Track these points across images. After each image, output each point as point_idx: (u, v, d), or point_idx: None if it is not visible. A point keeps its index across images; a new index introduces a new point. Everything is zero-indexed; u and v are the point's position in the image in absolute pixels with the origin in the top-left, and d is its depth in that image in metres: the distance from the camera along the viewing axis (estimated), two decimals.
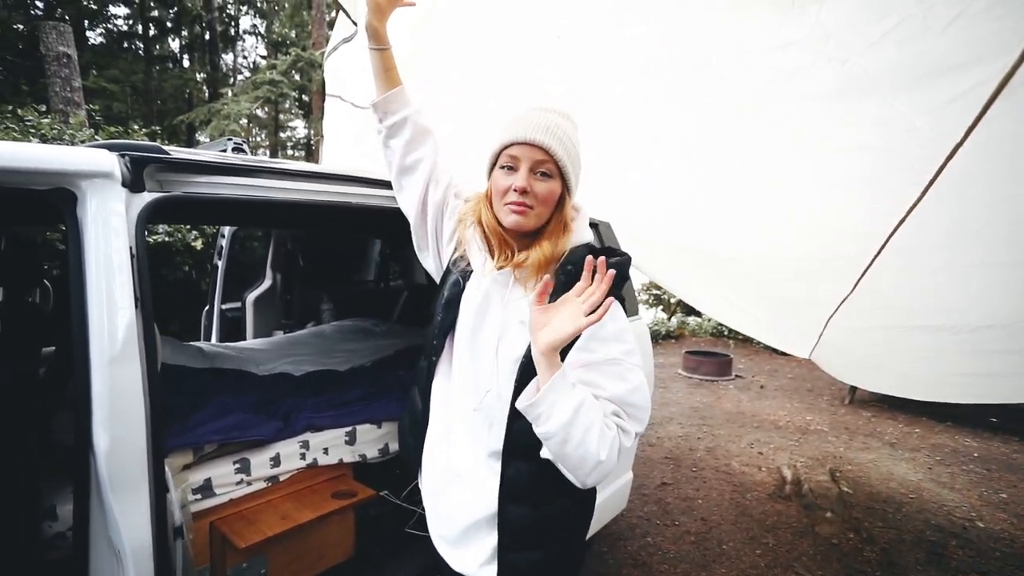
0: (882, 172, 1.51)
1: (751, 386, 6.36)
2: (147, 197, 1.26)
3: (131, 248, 1.19)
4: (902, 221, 1.54)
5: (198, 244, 4.42)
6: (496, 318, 1.04)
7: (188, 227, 4.44)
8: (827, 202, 1.76)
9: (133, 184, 1.24)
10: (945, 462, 4.08)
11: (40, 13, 13.23)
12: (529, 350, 0.94)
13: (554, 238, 1.01)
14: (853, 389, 5.61)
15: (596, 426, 0.87)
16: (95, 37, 15.37)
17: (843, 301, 2.16)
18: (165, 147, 1.35)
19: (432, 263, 1.26)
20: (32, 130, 4.41)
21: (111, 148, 1.24)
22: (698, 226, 2.26)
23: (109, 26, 15.66)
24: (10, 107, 4.84)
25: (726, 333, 8.83)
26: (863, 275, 1.86)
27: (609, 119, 1.99)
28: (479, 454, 1.05)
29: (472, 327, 1.06)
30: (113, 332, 1.12)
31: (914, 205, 1.48)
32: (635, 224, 2.39)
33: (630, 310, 2.34)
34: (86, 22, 14.49)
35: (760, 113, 1.62)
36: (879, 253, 1.72)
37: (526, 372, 0.95)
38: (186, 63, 17.58)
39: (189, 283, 4.56)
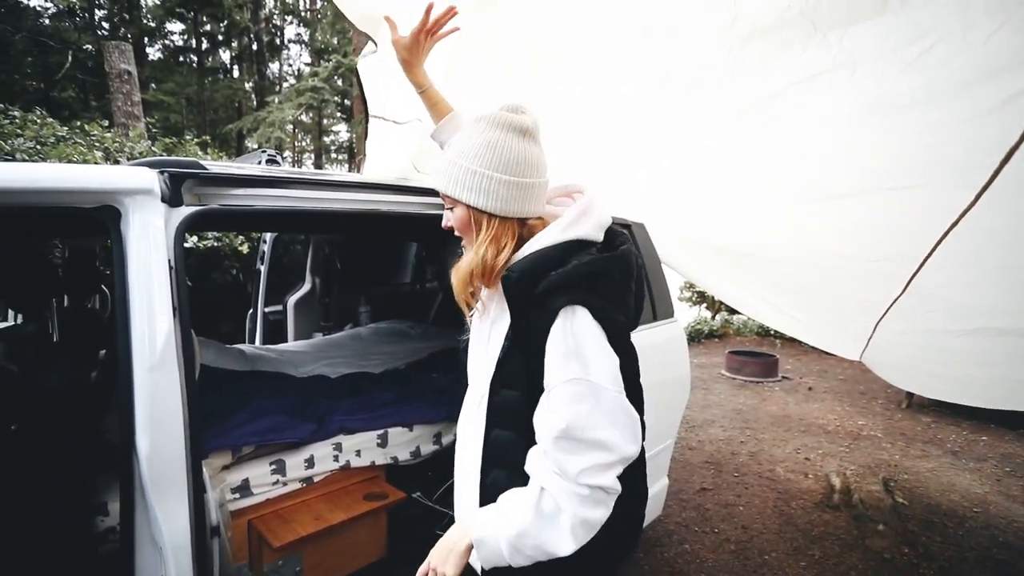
0: (934, 174, 1.41)
1: (798, 388, 6.10)
2: (185, 211, 1.32)
3: (169, 260, 1.25)
4: (955, 223, 1.44)
5: (244, 249, 4.61)
6: (488, 335, 1.08)
7: (235, 233, 4.64)
8: (872, 203, 1.66)
9: (172, 199, 1.30)
10: (1016, 473, 3.78)
11: (106, 33, 14.16)
12: (504, 347, 0.99)
13: (475, 248, 1.00)
14: (910, 393, 5.28)
15: (542, 532, 0.89)
16: (154, 53, 16.31)
17: (893, 303, 2.04)
18: (202, 162, 1.42)
19: None
20: (96, 144, 4.70)
21: (151, 165, 1.31)
22: (733, 225, 2.18)
23: (166, 42, 16.59)
24: (79, 123, 5.18)
25: (772, 332, 8.49)
26: (914, 276, 1.75)
27: (646, 116, 1.95)
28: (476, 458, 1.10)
29: (474, 348, 1.14)
30: (153, 340, 1.18)
31: (970, 206, 1.38)
32: (667, 223, 2.33)
33: (662, 312, 2.29)
34: (146, 39, 15.38)
35: (798, 115, 1.55)
36: (931, 254, 1.61)
37: (500, 367, 1.00)
38: (235, 73, 18.40)
39: (237, 287, 4.76)
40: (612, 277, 0.97)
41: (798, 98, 1.45)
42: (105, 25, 14.54)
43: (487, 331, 1.08)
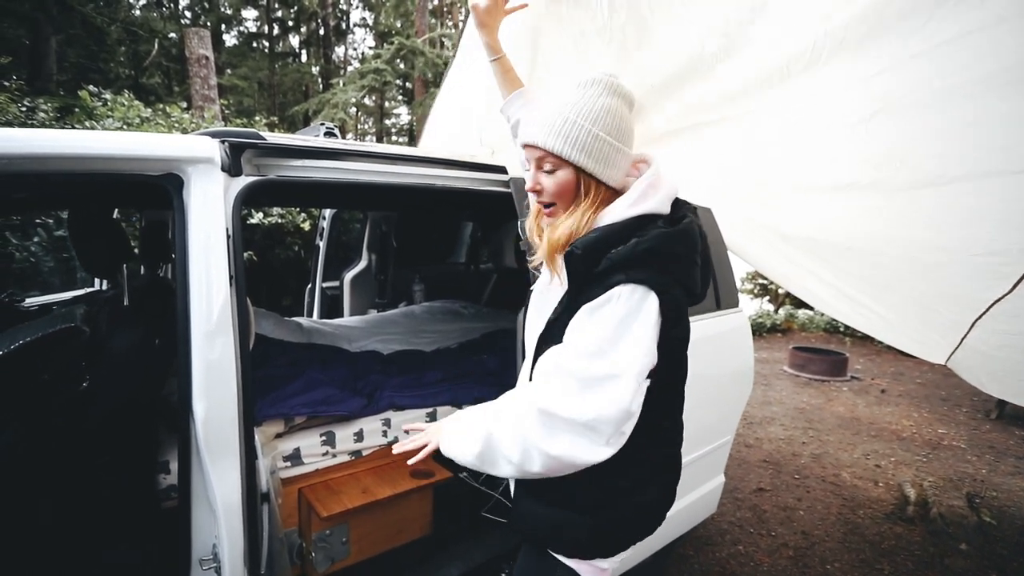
0: None
1: (869, 389, 5.68)
2: (244, 180, 1.33)
3: (227, 229, 1.26)
4: None
5: (306, 226, 4.77)
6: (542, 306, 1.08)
7: (298, 210, 4.80)
8: (989, 189, 1.45)
9: (232, 168, 1.31)
10: None
11: (188, 21, 14.97)
12: (557, 310, 0.99)
13: (580, 212, 0.97)
14: (1002, 402, 4.78)
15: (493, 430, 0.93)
16: (229, 39, 17.11)
17: (997, 301, 1.81)
18: (262, 133, 1.43)
19: None
20: (176, 124, 4.98)
21: (213, 135, 1.32)
22: (814, 211, 2.00)
23: (241, 28, 17.35)
24: (161, 106, 5.52)
25: (841, 329, 7.96)
26: None
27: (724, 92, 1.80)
28: None
29: (533, 314, 1.12)
30: (210, 307, 1.20)
31: None
32: (734, 205, 2.16)
33: (726, 301, 2.14)
34: (223, 26, 16.14)
35: (907, 87, 1.36)
36: None
37: (549, 327, 1.00)
38: (303, 58, 19.03)
39: (299, 262, 4.94)
40: (675, 252, 0.93)
41: (911, 69, 1.26)
42: (187, 14, 15.36)
43: (547, 296, 1.07)
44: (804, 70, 1.41)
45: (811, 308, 8.76)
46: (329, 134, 1.78)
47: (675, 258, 0.92)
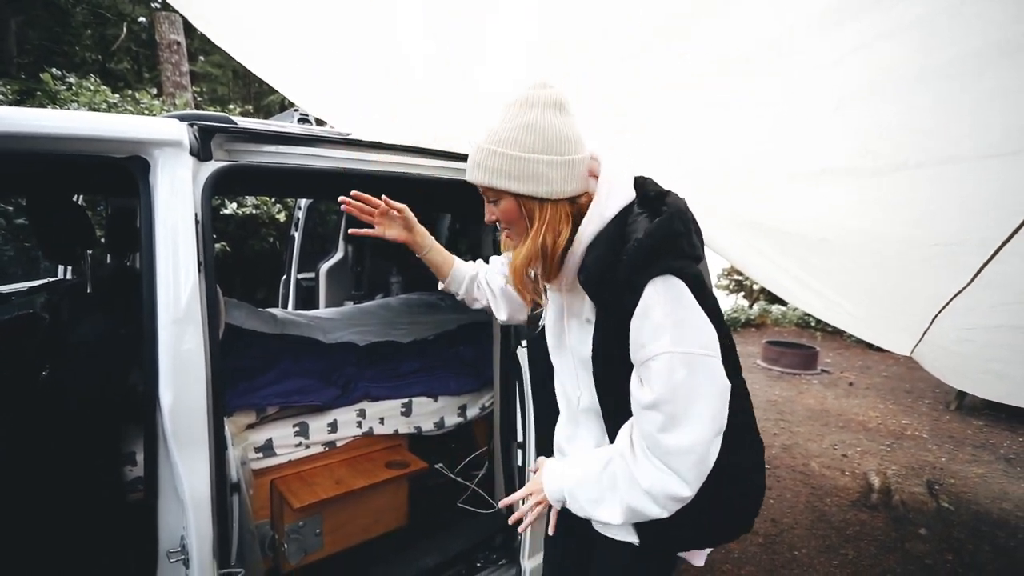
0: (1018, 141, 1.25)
1: (838, 382, 5.85)
2: (214, 166, 1.29)
3: (196, 215, 1.23)
4: None
5: (281, 217, 4.68)
6: (566, 327, 1.10)
7: (273, 200, 4.71)
8: (954, 174, 1.48)
9: (201, 153, 1.28)
10: None
11: (158, 5, 14.49)
12: (595, 346, 0.99)
13: (532, 238, 0.97)
14: (962, 394, 4.98)
15: (597, 496, 0.98)
16: None
17: (957, 294, 1.87)
18: (233, 118, 1.39)
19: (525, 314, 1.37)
20: (145, 111, 4.83)
21: (182, 118, 1.29)
22: (781, 201, 2.03)
23: None
24: (130, 92, 5.35)
25: (813, 324, 8.17)
26: (987, 263, 1.58)
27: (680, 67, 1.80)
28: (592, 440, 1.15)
29: (553, 342, 1.16)
30: (178, 293, 1.17)
31: None
32: (706, 198, 2.18)
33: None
34: None
35: (871, 69, 1.39)
36: (1012, 237, 1.45)
37: (599, 364, 1.01)
38: None
39: (273, 254, 4.85)
40: (676, 232, 0.92)
41: (877, 51, 1.28)
42: None
43: (569, 328, 1.09)
44: (779, 55, 1.43)
45: (784, 303, 8.96)
46: (303, 121, 1.75)
47: (678, 235, 0.92)
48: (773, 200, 2.07)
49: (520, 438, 1.73)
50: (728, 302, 9.80)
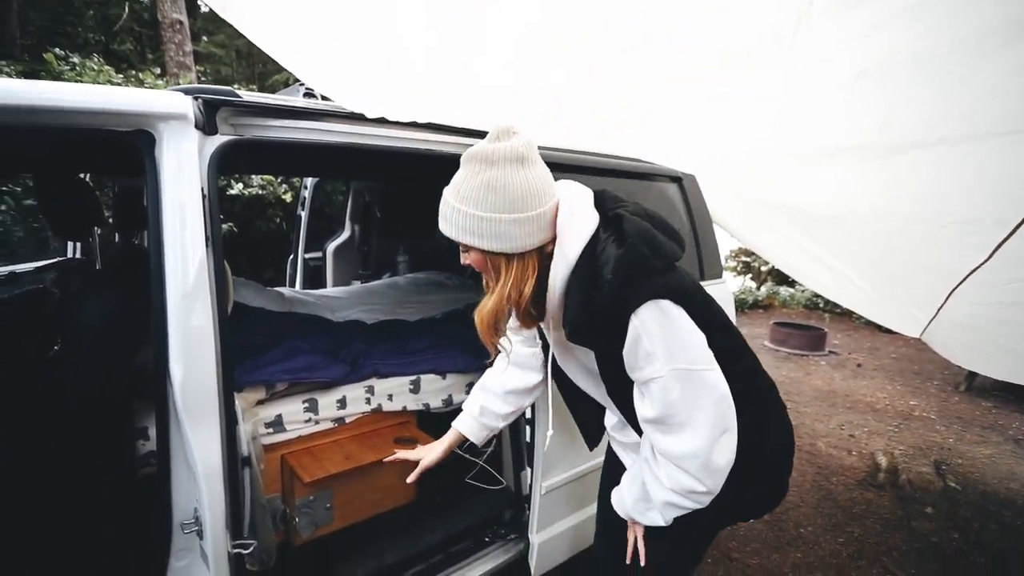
0: None
1: (846, 363, 5.83)
2: (219, 139, 1.28)
3: (203, 189, 1.22)
4: None
5: (288, 197, 4.67)
6: (568, 346, 1.12)
7: (279, 180, 4.69)
8: (970, 153, 1.46)
9: (206, 126, 1.26)
10: None
11: None
12: (600, 367, 1.08)
13: (497, 292, 1.00)
14: (971, 375, 4.95)
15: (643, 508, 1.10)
16: (204, 5, 16.43)
17: (974, 271, 1.84)
18: (238, 91, 1.37)
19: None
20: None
21: (186, 92, 1.27)
22: (793, 179, 2.00)
23: None
24: (134, 72, 5.31)
25: (821, 305, 8.12)
26: (1007, 239, 1.55)
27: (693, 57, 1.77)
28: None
29: (561, 358, 1.20)
30: (186, 268, 1.17)
31: None
32: (718, 175, 2.15)
33: (710, 271, 2.15)
34: None
35: (883, 48, 1.35)
36: None
37: (608, 382, 1.10)
38: None
39: (280, 235, 4.86)
40: (641, 255, 0.93)
41: (893, 28, 1.25)
42: None
43: (572, 349, 1.12)
44: (793, 32, 1.40)
45: (792, 285, 8.90)
46: (309, 95, 1.72)
47: (644, 260, 0.93)
48: (794, 179, 2.05)
49: (528, 415, 1.73)
50: (736, 284, 9.75)
